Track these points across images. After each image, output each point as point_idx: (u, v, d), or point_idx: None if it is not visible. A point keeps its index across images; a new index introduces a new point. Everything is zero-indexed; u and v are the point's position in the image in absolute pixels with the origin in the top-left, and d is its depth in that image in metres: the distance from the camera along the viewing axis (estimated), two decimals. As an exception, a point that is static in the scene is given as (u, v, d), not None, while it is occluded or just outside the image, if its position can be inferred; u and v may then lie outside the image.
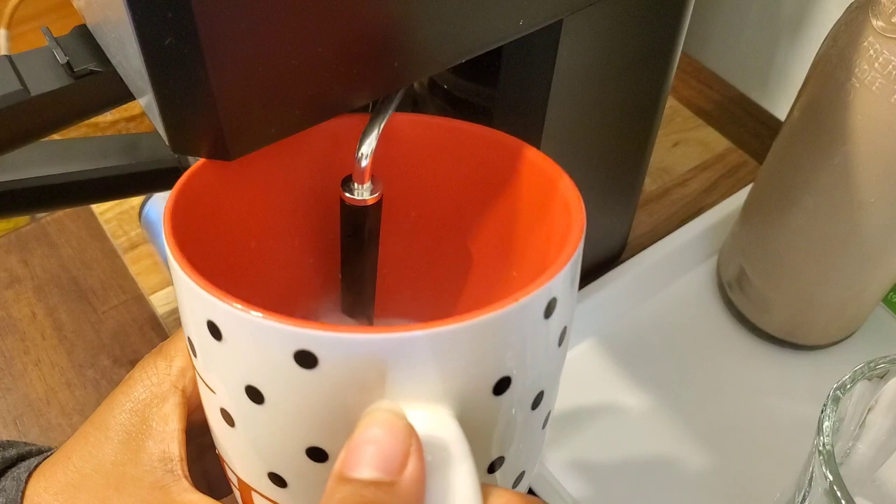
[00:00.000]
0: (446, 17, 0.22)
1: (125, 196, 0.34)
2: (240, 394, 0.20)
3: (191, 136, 0.21)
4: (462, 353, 0.19)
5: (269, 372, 0.19)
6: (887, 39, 0.30)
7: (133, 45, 0.19)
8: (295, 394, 0.19)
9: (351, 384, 0.19)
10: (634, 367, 0.41)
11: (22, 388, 0.42)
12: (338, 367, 0.18)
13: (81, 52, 0.26)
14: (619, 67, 0.32)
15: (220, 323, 0.19)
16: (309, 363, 0.18)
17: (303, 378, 0.19)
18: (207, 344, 0.20)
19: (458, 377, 0.19)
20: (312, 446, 0.20)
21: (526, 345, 0.20)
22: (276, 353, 0.18)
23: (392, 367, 0.18)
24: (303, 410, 0.19)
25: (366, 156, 0.24)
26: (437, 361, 0.19)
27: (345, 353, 0.18)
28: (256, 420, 0.20)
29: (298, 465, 0.21)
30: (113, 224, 0.47)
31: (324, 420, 0.19)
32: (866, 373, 0.28)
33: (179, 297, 0.21)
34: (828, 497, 0.25)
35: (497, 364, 0.20)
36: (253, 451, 0.22)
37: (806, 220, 0.36)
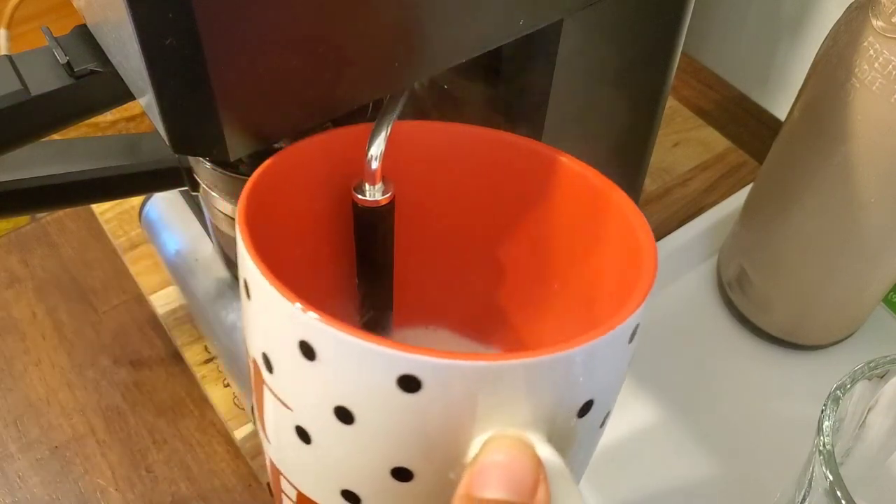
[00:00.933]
0: (446, 18, 0.22)
1: (126, 196, 0.34)
2: (327, 413, 0.20)
3: (191, 136, 0.21)
4: (558, 380, 0.19)
5: (367, 394, 0.19)
6: (887, 39, 0.30)
7: (133, 44, 0.19)
8: (391, 416, 0.19)
9: (450, 409, 0.19)
10: (634, 367, 0.41)
11: (22, 389, 0.42)
12: (441, 393, 0.18)
13: (82, 52, 0.26)
14: (619, 67, 0.32)
15: (316, 344, 0.19)
16: (412, 388, 0.18)
17: (402, 401, 0.18)
18: (294, 363, 0.20)
19: (553, 403, 0.19)
20: (399, 466, 0.20)
21: (611, 370, 0.21)
22: (378, 376, 0.18)
23: (493, 394, 0.18)
24: (396, 432, 0.19)
25: (375, 157, 0.24)
26: (536, 388, 0.19)
27: (450, 378, 0.18)
28: (340, 439, 0.20)
29: (379, 485, 0.20)
30: (113, 224, 0.47)
31: (416, 442, 0.19)
32: (866, 373, 0.28)
33: (259, 313, 0.21)
34: (828, 497, 0.25)
35: (586, 389, 0.20)
36: (329, 469, 0.21)
37: (806, 220, 0.36)
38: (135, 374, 0.43)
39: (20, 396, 0.42)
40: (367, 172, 0.24)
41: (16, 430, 0.41)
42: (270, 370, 0.21)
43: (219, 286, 0.39)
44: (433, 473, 0.20)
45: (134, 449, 0.40)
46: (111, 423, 0.41)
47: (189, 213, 0.42)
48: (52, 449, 0.40)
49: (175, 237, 0.42)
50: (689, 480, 0.37)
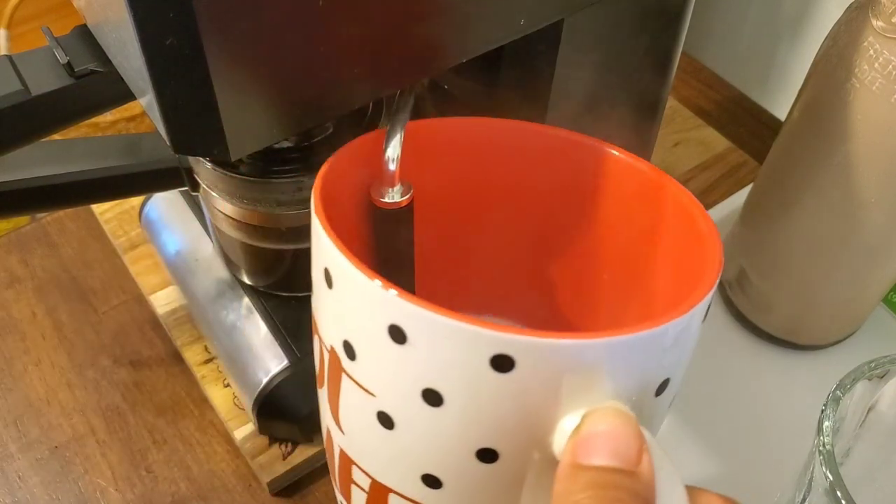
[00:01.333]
0: (447, 18, 0.22)
1: (126, 196, 0.34)
2: (414, 397, 0.20)
3: (192, 136, 0.21)
4: (646, 358, 0.20)
5: (458, 375, 0.19)
6: (887, 39, 0.30)
7: (134, 45, 0.19)
8: (481, 397, 0.19)
9: (541, 387, 0.19)
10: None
11: (22, 389, 0.42)
12: (533, 371, 0.19)
13: (82, 52, 0.26)
14: (619, 67, 0.32)
15: (407, 327, 0.19)
16: (505, 367, 0.18)
17: (495, 381, 0.19)
18: (381, 347, 0.20)
19: (636, 381, 0.20)
20: (485, 447, 0.20)
21: (687, 348, 0.21)
22: (471, 356, 0.19)
23: (581, 371, 0.19)
24: (485, 413, 0.20)
25: (392, 159, 0.24)
26: (623, 366, 0.19)
27: (543, 357, 0.18)
28: (427, 422, 0.20)
29: (463, 467, 0.21)
30: (113, 224, 0.47)
31: (504, 422, 0.20)
32: (866, 373, 0.28)
33: (342, 301, 0.21)
34: (828, 497, 0.25)
35: (665, 367, 0.21)
36: (411, 453, 0.21)
37: (806, 219, 0.36)
38: (135, 374, 0.43)
39: (20, 396, 0.42)
40: (386, 175, 0.24)
41: (16, 430, 0.41)
42: (352, 357, 0.21)
43: (219, 286, 0.39)
44: (518, 454, 0.20)
45: (134, 449, 0.40)
46: (111, 423, 0.41)
47: (189, 213, 0.42)
48: (52, 449, 0.40)
49: (175, 237, 0.42)
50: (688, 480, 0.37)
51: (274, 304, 0.38)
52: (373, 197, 0.25)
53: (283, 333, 0.37)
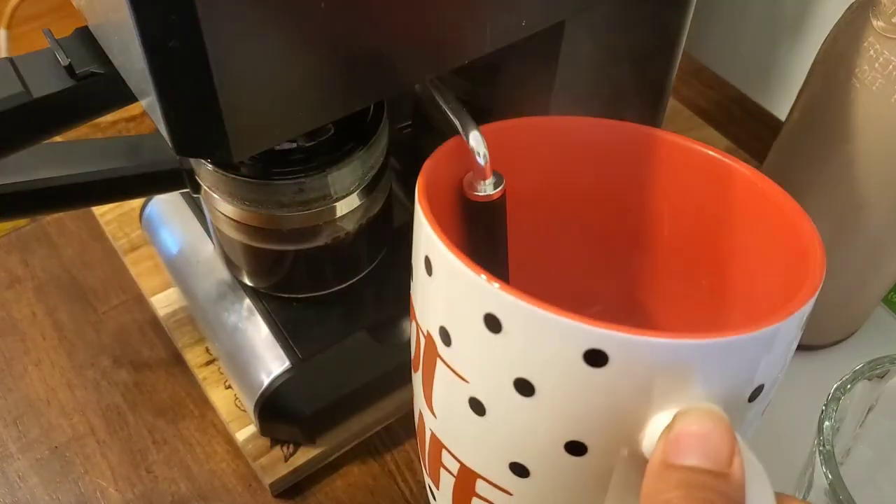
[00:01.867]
0: (448, 20, 0.22)
1: (127, 198, 0.34)
2: (506, 385, 0.20)
3: (194, 137, 0.21)
4: (739, 362, 0.20)
5: (551, 367, 0.19)
6: (887, 39, 0.30)
7: (136, 46, 0.19)
8: (573, 390, 0.19)
9: (633, 384, 0.19)
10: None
11: (22, 389, 0.42)
12: (626, 368, 0.19)
13: (83, 54, 0.26)
14: (620, 68, 0.32)
15: (503, 316, 0.19)
16: (599, 362, 0.19)
17: (587, 375, 0.19)
18: (476, 335, 0.20)
19: (730, 384, 0.20)
20: (574, 440, 0.20)
21: (782, 356, 0.21)
22: (565, 349, 0.19)
23: (676, 371, 0.19)
24: (575, 406, 0.20)
25: (480, 153, 0.24)
26: (718, 368, 0.19)
27: (637, 354, 0.18)
28: (517, 411, 0.21)
29: (551, 458, 0.21)
30: (113, 226, 0.47)
31: (594, 416, 0.20)
32: (866, 373, 0.28)
33: (440, 288, 0.21)
34: (828, 497, 0.25)
35: (761, 372, 0.20)
36: (501, 441, 0.22)
37: (806, 220, 0.36)
38: (135, 374, 0.43)
39: (20, 396, 0.42)
40: (477, 168, 0.24)
41: (16, 430, 0.41)
42: (448, 343, 0.21)
43: (220, 288, 0.39)
44: (606, 448, 0.20)
45: (134, 449, 0.40)
46: (111, 423, 0.41)
47: (190, 214, 0.42)
48: (52, 449, 0.40)
49: (176, 239, 0.42)
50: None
51: (275, 305, 0.38)
52: (466, 191, 0.25)
53: (284, 335, 0.37)
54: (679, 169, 0.27)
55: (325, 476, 0.39)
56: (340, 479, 0.39)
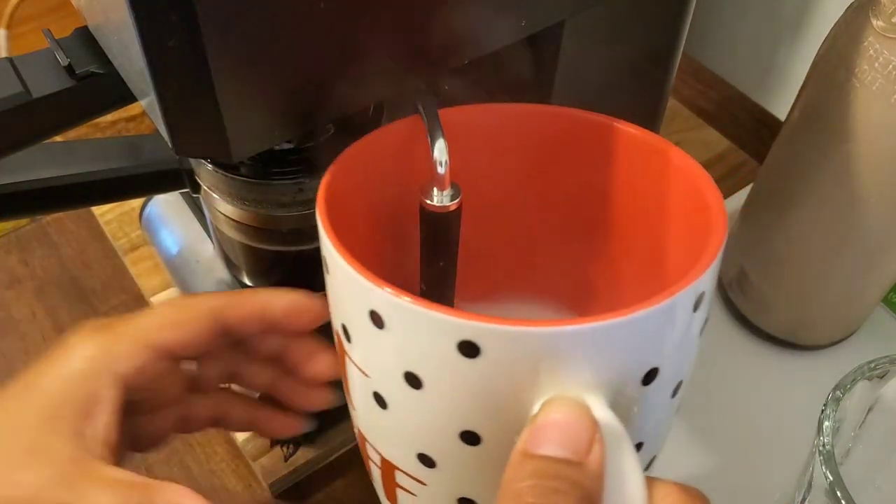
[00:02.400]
0: (448, 21, 0.22)
1: (127, 198, 0.34)
2: (398, 379, 0.21)
3: (194, 137, 0.21)
4: (618, 346, 0.20)
5: (431, 360, 0.20)
6: (887, 39, 0.30)
7: (136, 46, 0.19)
8: (454, 381, 0.20)
9: (510, 373, 0.19)
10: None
11: (23, 389, 0.42)
12: (499, 358, 0.19)
13: (83, 54, 0.26)
14: (620, 68, 0.32)
15: (384, 312, 0.20)
16: (472, 353, 0.19)
17: (464, 367, 0.19)
18: (367, 331, 0.21)
19: (613, 369, 0.20)
20: (467, 430, 0.21)
21: (675, 337, 0.21)
22: (439, 342, 0.19)
23: (551, 359, 0.19)
24: (461, 397, 0.20)
25: (441, 162, 0.24)
26: (594, 354, 0.19)
27: (507, 344, 0.19)
28: (412, 404, 0.21)
29: (450, 448, 0.21)
30: (113, 225, 0.47)
31: (481, 406, 0.20)
32: (866, 373, 0.28)
33: (335, 286, 0.22)
34: (828, 497, 0.25)
35: (648, 356, 0.20)
36: (404, 432, 0.22)
37: (806, 219, 0.36)
38: (135, 374, 0.43)
39: (21, 397, 0.42)
40: (437, 178, 0.24)
41: (16, 430, 0.41)
42: (349, 340, 0.22)
43: (220, 288, 0.39)
44: (500, 437, 0.20)
45: (134, 449, 0.40)
46: (112, 424, 0.41)
47: (190, 214, 0.42)
48: (52, 449, 0.40)
49: (176, 238, 0.42)
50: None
51: (274, 304, 0.38)
52: (421, 198, 0.25)
53: (283, 334, 0.37)
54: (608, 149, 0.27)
55: (325, 476, 0.39)
56: (340, 479, 0.39)
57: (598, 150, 0.27)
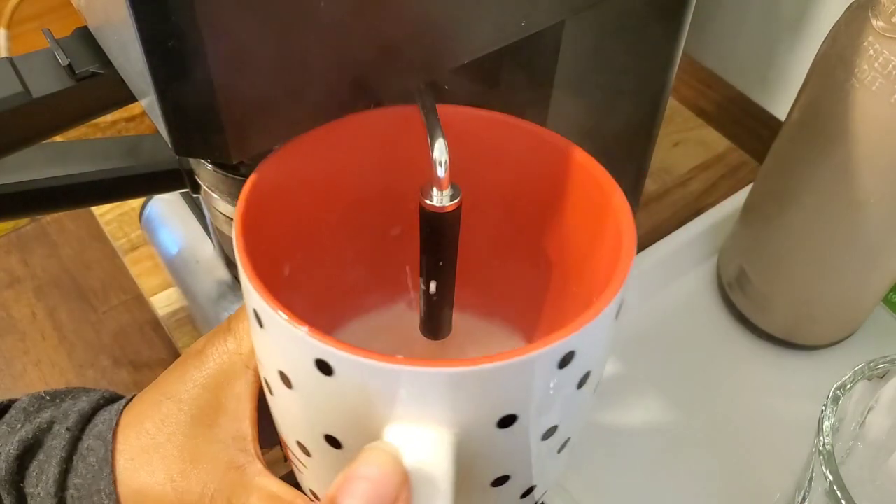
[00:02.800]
0: (449, 20, 0.22)
1: (127, 198, 0.34)
2: (275, 375, 0.22)
3: (194, 137, 0.21)
4: (467, 393, 0.20)
5: (296, 367, 0.21)
6: (887, 39, 0.30)
7: (136, 46, 0.19)
8: (315, 391, 0.21)
9: (361, 395, 0.20)
10: (634, 367, 0.41)
11: (22, 389, 0.42)
12: (350, 382, 0.20)
13: (83, 54, 0.26)
14: (620, 68, 0.32)
15: (261, 315, 0.21)
16: (327, 371, 0.20)
17: (322, 380, 0.20)
18: (253, 327, 0.22)
19: (463, 412, 0.20)
20: (329, 434, 0.22)
21: (535, 391, 0.21)
22: (301, 354, 0.20)
23: (398, 394, 0.20)
24: (322, 405, 0.21)
25: (441, 163, 0.24)
26: (442, 396, 0.20)
27: (354, 370, 0.19)
28: (287, 399, 0.22)
29: (318, 445, 0.22)
30: (113, 226, 0.47)
31: (339, 417, 0.21)
32: (866, 373, 0.28)
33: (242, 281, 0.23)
34: (828, 497, 0.25)
35: (502, 404, 0.20)
36: (285, 420, 0.24)
37: (806, 220, 0.36)
38: (135, 374, 0.43)
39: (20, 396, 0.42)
40: (436, 178, 0.24)
41: (16, 430, 0.41)
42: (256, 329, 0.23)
43: (220, 287, 0.39)
44: (357, 447, 0.21)
45: (135, 449, 0.40)
46: (112, 424, 0.41)
47: (189, 214, 0.42)
48: (52, 449, 0.40)
49: (175, 238, 0.42)
50: (688, 480, 0.38)
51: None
52: (420, 198, 0.25)
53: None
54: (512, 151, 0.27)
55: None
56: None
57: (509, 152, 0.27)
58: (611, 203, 0.24)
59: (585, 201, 0.26)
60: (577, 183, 0.26)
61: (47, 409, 0.27)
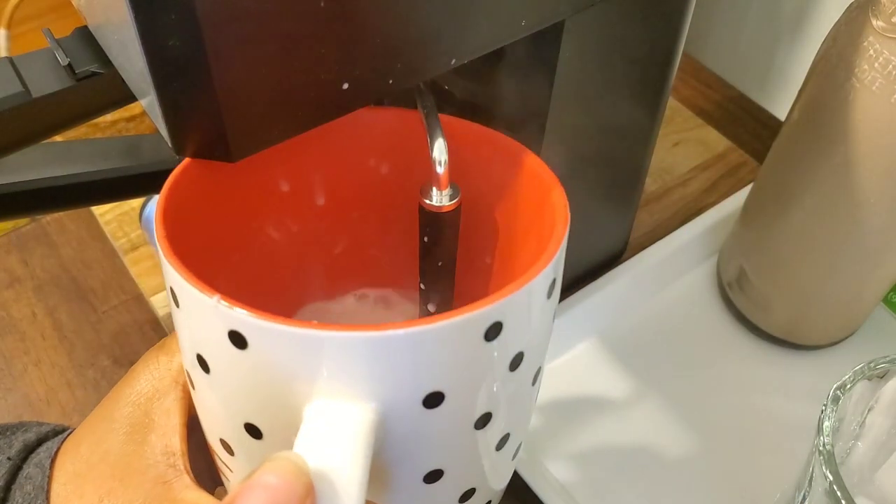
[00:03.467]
0: (449, 19, 0.22)
1: (127, 198, 0.34)
2: (193, 360, 0.21)
3: (194, 137, 0.21)
4: (389, 361, 0.19)
5: (211, 345, 0.20)
6: (887, 39, 0.30)
7: (136, 46, 0.19)
8: (232, 370, 0.20)
9: (278, 370, 0.19)
10: (634, 367, 0.41)
11: (22, 389, 0.42)
12: (264, 353, 0.19)
13: (83, 54, 0.26)
14: (620, 68, 0.32)
15: (177, 292, 0.20)
16: (240, 344, 0.19)
17: (236, 357, 0.19)
18: (174, 313, 0.21)
19: (385, 384, 0.19)
20: (249, 423, 0.21)
21: (460, 365, 0.20)
22: (214, 328, 0.19)
23: (316, 363, 0.19)
24: (239, 387, 0.20)
25: (440, 162, 0.24)
26: (361, 364, 0.19)
27: (269, 341, 0.19)
28: (206, 388, 0.21)
29: (240, 438, 0.21)
30: (113, 225, 0.47)
31: (257, 400, 0.20)
32: (866, 373, 0.28)
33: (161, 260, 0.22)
34: (828, 497, 0.25)
35: (426, 378, 0.19)
36: (207, 416, 0.23)
37: (806, 220, 0.36)
38: (135, 374, 0.43)
39: (20, 396, 0.42)
40: (435, 178, 0.24)
41: (16, 430, 0.41)
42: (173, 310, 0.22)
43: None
44: (278, 434, 0.20)
45: (134, 449, 0.40)
46: (112, 424, 0.41)
47: (189, 213, 0.42)
48: (52, 449, 0.40)
49: (175, 238, 0.42)
50: (688, 480, 0.38)
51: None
52: (421, 199, 0.25)
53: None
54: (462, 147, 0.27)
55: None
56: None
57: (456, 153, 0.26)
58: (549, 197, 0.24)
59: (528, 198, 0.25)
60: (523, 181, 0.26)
61: None
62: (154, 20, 0.18)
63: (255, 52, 0.19)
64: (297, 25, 0.19)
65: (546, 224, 0.24)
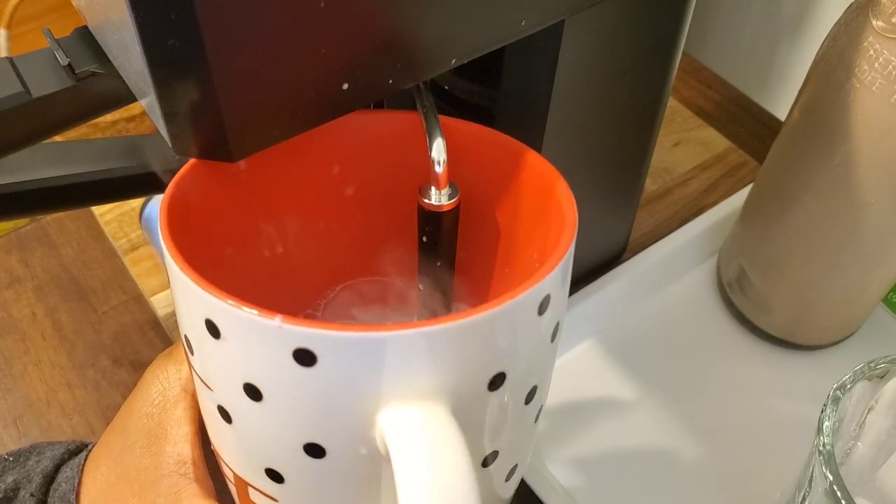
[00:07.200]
0: (449, 19, 0.22)
1: (127, 198, 0.34)
2: (238, 391, 0.20)
3: (194, 137, 0.21)
4: (457, 351, 0.19)
5: (268, 370, 0.19)
6: (887, 39, 0.30)
7: (136, 46, 0.19)
8: (293, 391, 0.19)
9: (349, 381, 0.19)
10: (634, 367, 0.41)
11: (22, 389, 0.42)
12: (336, 365, 0.19)
13: (83, 54, 0.26)
14: (620, 68, 0.32)
15: (218, 321, 0.19)
16: (307, 361, 0.19)
17: (301, 375, 0.19)
18: (205, 342, 0.20)
19: (454, 374, 0.19)
20: (310, 443, 0.20)
21: (520, 341, 0.21)
22: (274, 351, 0.19)
23: (388, 365, 0.19)
24: (301, 407, 0.20)
25: (439, 162, 0.24)
26: (432, 359, 0.19)
27: (343, 350, 0.18)
28: (254, 417, 0.21)
29: (296, 461, 0.21)
30: (113, 226, 0.47)
31: (322, 417, 0.20)
32: (866, 373, 0.28)
33: (176, 296, 0.21)
34: (828, 497, 0.25)
35: (492, 360, 0.20)
36: (250, 447, 0.22)
37: (806, 220, 0.36)
38: (135, 374, 0.43)
39: (20, 396, 0.42)
40: (433, 177, 0.24)
41: (16, 430, 0.41)
42: (192, 352, 0.21)
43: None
44: (344, 449, 0.20)
45: (134, 449, 0.40)
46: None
47: (189, 213, 0.42)
48: (52, 449, 0.40)
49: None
50: (688, 480, 0.38)
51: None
52: (420, 199, 0.25)
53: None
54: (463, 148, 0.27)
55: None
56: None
57: (457, 154, 0.26)
58: (554, 191, 0.24)
59: (531, 195, 0.26)
60: (526, 179, 0.26)
61: (11, 471, 0.27)
62: (154, 20, 0.18)
63: (254, 52, 0.19)
64: (296, 26, 0.19)
65: (553, 217, 0.24)
